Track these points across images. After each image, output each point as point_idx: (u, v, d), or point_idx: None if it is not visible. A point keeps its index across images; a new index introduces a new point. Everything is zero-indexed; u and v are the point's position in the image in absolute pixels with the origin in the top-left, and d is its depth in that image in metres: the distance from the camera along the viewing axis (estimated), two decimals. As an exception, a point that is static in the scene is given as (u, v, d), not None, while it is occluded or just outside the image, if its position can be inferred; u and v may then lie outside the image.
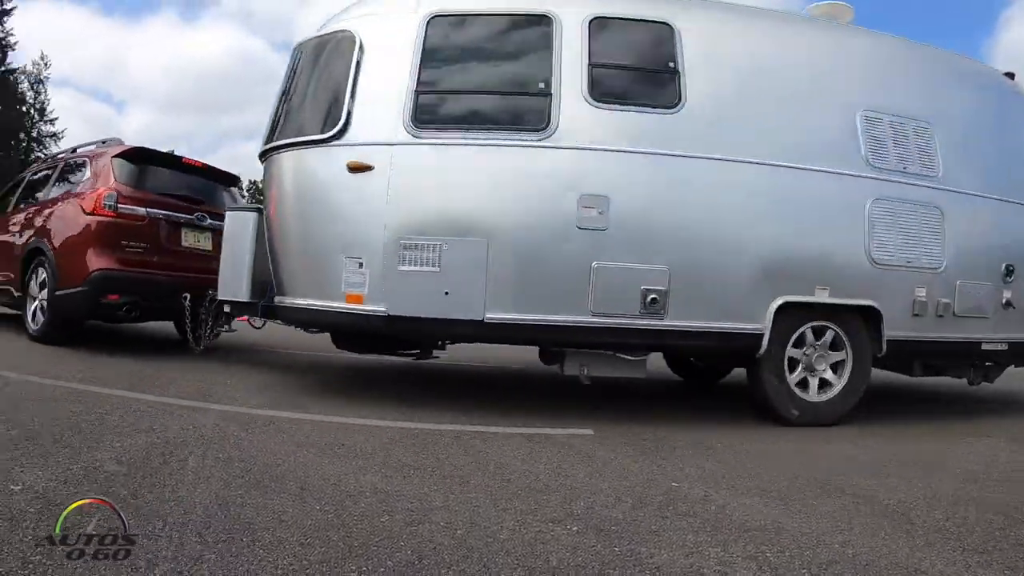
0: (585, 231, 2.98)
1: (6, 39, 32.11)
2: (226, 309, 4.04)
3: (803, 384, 3.32)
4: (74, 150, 5.44)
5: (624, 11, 3.33)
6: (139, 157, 4.71)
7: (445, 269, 3.00)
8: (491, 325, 2.98)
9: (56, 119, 35.82)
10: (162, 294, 4.42)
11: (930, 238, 3.44)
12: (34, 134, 34.97)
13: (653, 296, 2.99)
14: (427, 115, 3.15)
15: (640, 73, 3.32)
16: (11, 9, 31.91)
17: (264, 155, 3.60)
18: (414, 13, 3.31)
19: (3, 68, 32.57)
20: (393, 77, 3.21)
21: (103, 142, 5.10)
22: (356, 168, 3.15)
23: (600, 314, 2.99)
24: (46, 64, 35.54)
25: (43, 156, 31.39)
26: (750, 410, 3.57)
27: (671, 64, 3.22)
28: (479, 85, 3.27)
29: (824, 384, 3.34)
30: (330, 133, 3.20)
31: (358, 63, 3.27)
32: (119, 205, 4.32)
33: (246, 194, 15.06)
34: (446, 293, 2.99)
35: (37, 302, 4.62)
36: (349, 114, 3.20)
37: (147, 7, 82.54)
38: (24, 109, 34.67)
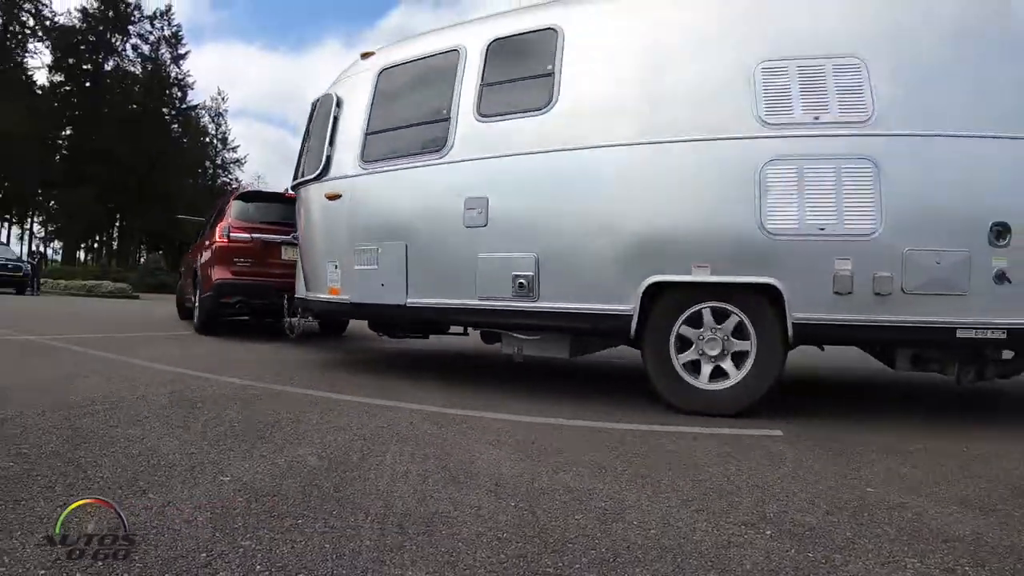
0: (470, 228, 3.58)
1: (184, 80, 37.15)
2: (304, 305, 5.59)
3: (695, 369, 3.19)
4: (227, 195, 7.68)
5: (517, 27, 3.73)
6: (249, 197, 6.64)
7: (381, 266, 3.95)
8: (411, 308, 3.85)
9: (238, 146, 40.92)
10: (265, 295, 6.19)
11: (855, 198, 2.88)
12: (218, 161, 40.43)
13: (521, 281, 3.41)
14: (371, 150, 4.13)
15: (521, 82, 3.66)
16: (186, 53, 37.00)
17: (294, 189, 4.98)
18: (370, 71, 4.33)
19: (185, 105, 37.76)
20: (355, 125, 4.25)
21: (236, 187, 7.18)
22: (331, 197, 4.30)
23: (485, 298, 3.55)
24: (223, 98, 40.56)
25: (228, 180, 35.84)
26: (947, 411, 3.35)
27: (549, 67, 3.50)
28: (406, 120, 4.09)
29: (720, 372, 3.15)
30: (317, 172, 4.39)
31: (335, 118, 4.40)
32: (231, 233, 6.23)
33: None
34: (382, 285, 3.95)
35: (197, 306, 6.81)
36: (328, 158, 4.36)
37: (310, 40, 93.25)
38: (207, 140, 40.13)
